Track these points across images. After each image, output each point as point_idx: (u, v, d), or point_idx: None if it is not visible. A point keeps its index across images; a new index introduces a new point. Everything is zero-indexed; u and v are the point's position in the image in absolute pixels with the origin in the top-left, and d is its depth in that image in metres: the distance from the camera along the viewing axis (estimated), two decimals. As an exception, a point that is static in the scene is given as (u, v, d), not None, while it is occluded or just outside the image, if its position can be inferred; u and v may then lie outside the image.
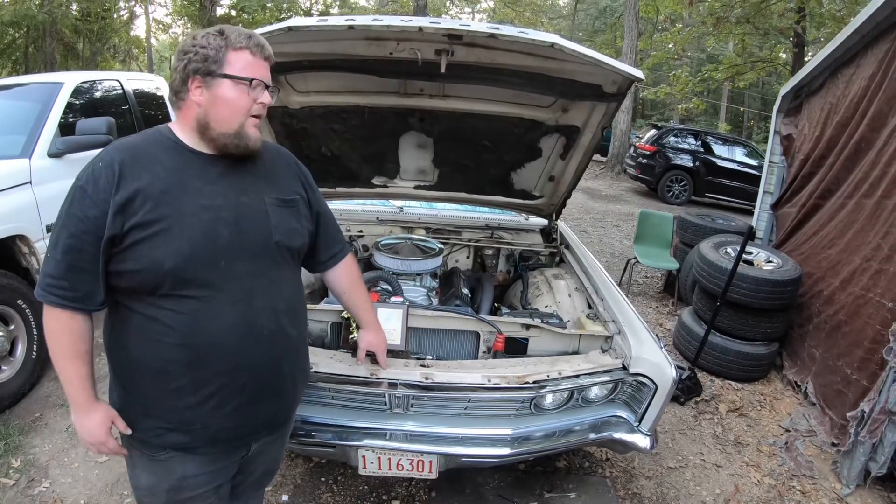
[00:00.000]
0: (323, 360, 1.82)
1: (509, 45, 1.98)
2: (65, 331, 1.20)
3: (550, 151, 2.69)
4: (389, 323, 1.90)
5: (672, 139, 11.04)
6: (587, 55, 1.90)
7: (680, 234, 5.13)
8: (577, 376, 1.91)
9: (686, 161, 10.61)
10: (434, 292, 2.63)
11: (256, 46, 1.23)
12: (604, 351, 2.05)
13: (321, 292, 2.75)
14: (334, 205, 3.17)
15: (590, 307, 2.44)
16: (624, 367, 1.98)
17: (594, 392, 2.02)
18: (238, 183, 1.27)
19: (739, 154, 10.79)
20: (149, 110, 5.05)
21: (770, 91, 21.87)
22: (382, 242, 2.73)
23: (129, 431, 1.28)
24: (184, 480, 1.29)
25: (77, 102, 3.98)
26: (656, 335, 2.10)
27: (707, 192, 10.51)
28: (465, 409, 1.89)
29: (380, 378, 1.76)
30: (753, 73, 15.21)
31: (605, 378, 1.96)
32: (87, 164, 1.20)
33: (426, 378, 1.77)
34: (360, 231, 3.16)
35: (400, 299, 1.98)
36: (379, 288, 2.40)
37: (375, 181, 2.99)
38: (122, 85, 4.72)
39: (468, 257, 3.26)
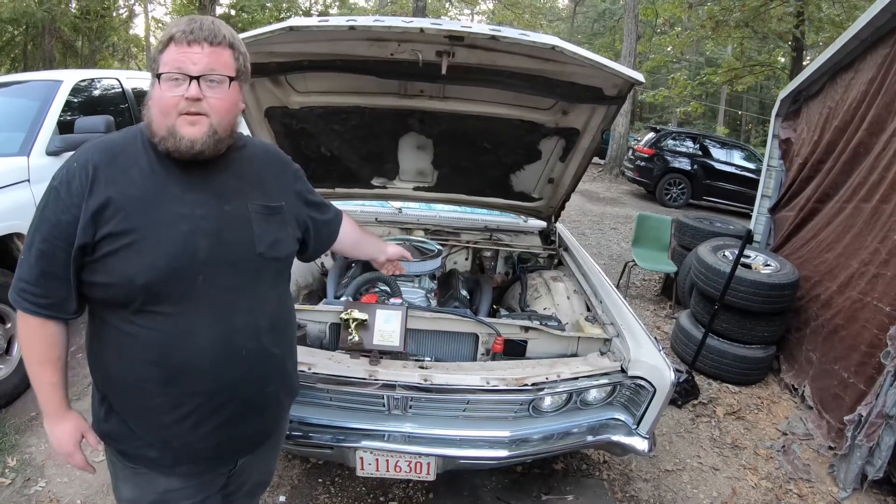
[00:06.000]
0: (321, 361, 1.81)
1: (510, 48, 1.98)
2: (36, 337, 1.15)
3: (550, 154, 2.69)
4: (388, 324, 1.90)
5: (670, 142, 11.07)
6: (588, 58, 1.90)
7: (678, 237, 5.14)
8: (576, 379, 1.91)
9: (684, 164, 10.64)
10: (433, 294, 2.63)
11: (183, 33, 1.08)
12: (602, 354, 2.05)
13: (320, 292, 2.75)
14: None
15: (588, 310, 2.44)
16: (622, 370, 1.98)
17: (592, 394, 2.02)
18: (221, 188, 1.17)
19: (737, 157, 10.82)
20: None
21: (768, 95, 21.94)
22: (381, 243, 2.72)
23: (99, 447, 1.25)
24: (167, 494, 1.24)
25: (76, 100, 3.97)
26: (655, 338, 2.11)
27: (705, 195, 10.54)
28: (464, 410, 1.89)
29: (378, 380, 1.76)
30: (752, 76, 15.26)
31: (604, 381, 1.96)
32: (64, 162, 1.14)
33: (425, 380, 1.77)
34: (359, 232, 3.16)
35: (399, 301, 1.98)
36: (377, 289, 2.40)
37: (374, 182, 2.99)
38: (121, 83, 4.70)
39: (467, 259, 3.26)
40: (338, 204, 3.25)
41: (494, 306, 2.56)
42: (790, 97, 4.91)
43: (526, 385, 1.82)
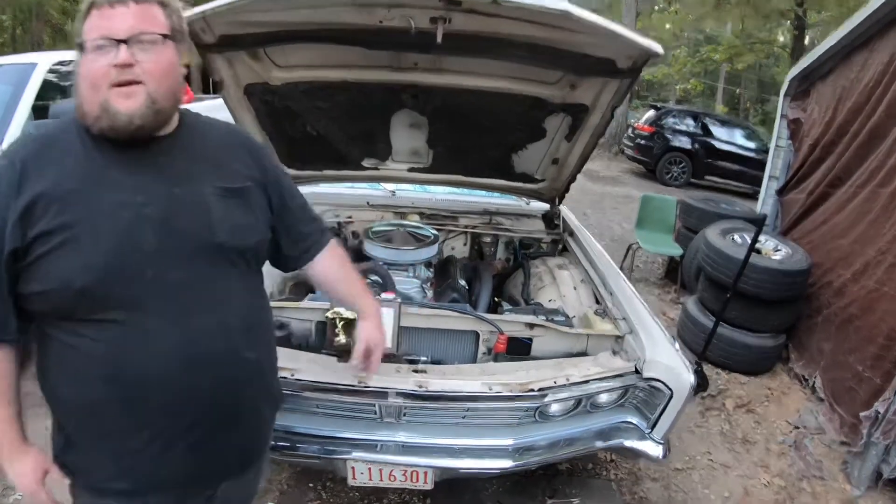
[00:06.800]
0: (305, 366, 1.63)
1: (514, 13, 1.75)
2: None
3: (555, 132, 2.48)
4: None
5: (671, 120, 10.79)
6: (603, 26, 1.69)
7: (683, 218, 4.97)
8: (587, 382, 1.74)
9: (685, 143, 10.40)
10: (429, 284, 2.45)
11: None
12: (615, 353, 1.88)
13: (307, 286, 2.56)
14: (322, 189, 2.97)
15: (597, 302, 2.27)
16: (636, 371, 1.82)
17: (604, 397, 1.85)
18: (169, 169, 1.01)
19: (739, 137, 10.59)
20: None
21: (767, 74, 21.67)
22: (373, 230, 2.53)
23: (66, 481, 1.09)
24: None
25: (52, 84, 3.72)
26: (672, 336, 1.94)
27: (706, 174, 10.32)
28: (463, 417, 1.72)
29: (368, 386, 1.58)
30: (752, 55, 14.98)
31: (617, 383, 1.80)
32: None
33: (420, 386, 1.60)
34: (350, 217, 2.96)
35: (391, 296, 1.79)
36: (369, 280, 2.21)
37: (366, 163, 2.77)
38: None
39: (465, 245, 3.07)
40: (327, 187, 3.14)
41: (496, 299, 2.38)
42: (799, 77, 4.70)
43: (531, 391, 1.65)
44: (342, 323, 1.62)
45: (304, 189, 3.00)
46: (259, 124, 2.45)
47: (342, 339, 1.63)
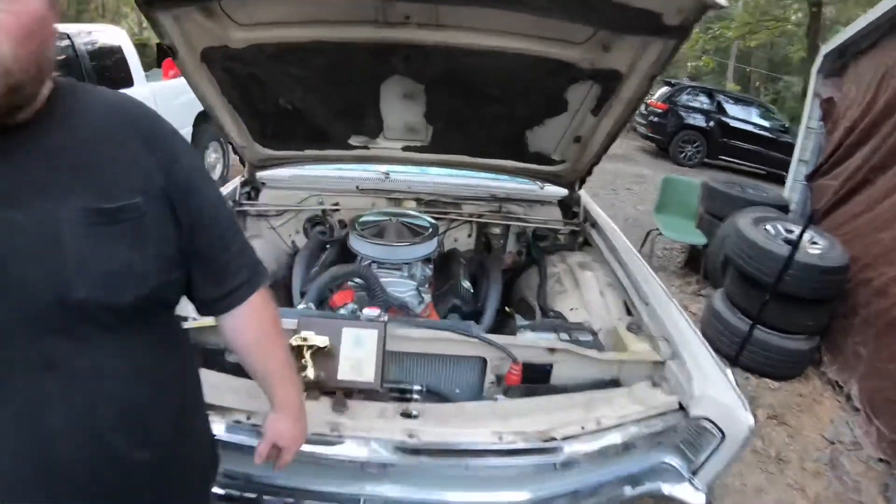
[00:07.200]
0: (265, 407, 1.26)
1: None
2: None
3: (579, 105, 2.06)
4: (360, 348, 1.34)
5: (685, 97, 10.30)
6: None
7: (706, 203, 4.58)
8: (621, 426, 1.38)
9: (699, 121, 9.94)
10: (426, 286, 2.08)
11: None
12: (655, 385, 1.51)
13: (286, 284, 2.18)
14: (303, 170, 2.57)
15: (628, 312, 1.89)
16: (681, 407, 1.46)
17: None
18: (12, 180, 0.66)
19: (754, 115, 10.14)
20: (105, 63, 4.42)
21: (777, 53, 21.05)
22: (361, 220, 2.15)
23: None
24: None
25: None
26: (723, 361, 1.57)
27: (721, 154, 9.86)
28: (466, 468, 1.36)
29: (342, 436, 1.22)
30: (766, 32, 14.44)
31: (657, 425, 1.43)
32: None
33: (410, 436, 1.23)
34: (336, 203, 2.57)
35: (375, 311, 1.41)
36: (353, 283, 1.84)
37: (353, 141, 2.36)
38: (71, 39, 4.11)
39: (470, 236, 2.68)
40: (311, 168, 2.74)
41: (507, 308, 1.99)
42: (835, 52, 4.37)
43: (554, 439, 1.29)
44: (310, 352, 1.26)
45: (283, 171, 2.70)
46: (225, 98, 2.05)
47: (310, 372, 1.27)
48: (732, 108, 10.22)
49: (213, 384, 1.35)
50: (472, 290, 2.08)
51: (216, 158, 5.94)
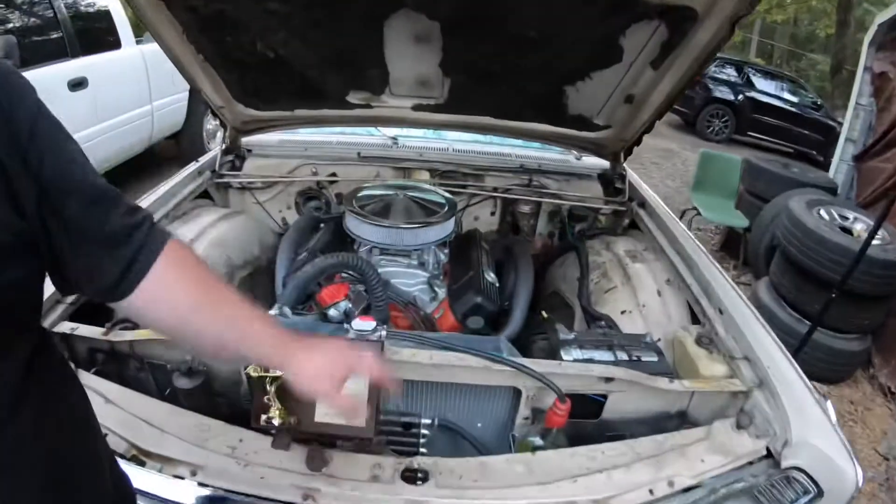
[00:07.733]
0: (215, 461, 0.89)
1: None
2: None
3: (637, 53, 1.61)
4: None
5: (712, 69, 9.68)
6: None
7: (748, 182, 4.18)
8: (699, 486, 0.99)
9: (727, 94, 9.38)
10: (441, 277, 1.68)
11: None
12: (740, 427, 1.10)
13: (268, 275, 1.79)
14: (296, 135, 2.17)
15: (693, 317, 1.49)
16: (769, 454, 1.07)
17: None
18: None
19: (784, 90, 9.57)
20: (89, 24, 4.01)
21: (801, 30, 20.24)
22: (360, 195, 1.75)
23: None
24: None
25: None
26: (822, 394, 1.19)
27: (749, 130, 9.31)
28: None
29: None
30: (794, 5, 13.72)
31: (741, 480, 1.04)
32: None
33: (420, 511, 0.85)
34: (333, 174, 2.16)
35: (369, 323, 1.01)
36: (346, 276, 1.45)
37: (352, 98, 1.93)
38: None
39: (493, 214, 2.28)
40: (303, 132, 2.32)
41: (543, 314, 1.57)
42: (890, 22, 3.95)
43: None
44: (275, 385, 0.87)
45: (272, 136, 2.28)
46: (192, 46, 1.64)
47: (274, 411, 0.88)
48: (761, 82, 9.69)
49: (155, 421, 0.98)
50: (496, 284, 1.67)
51: (216, 126, 5.54)
